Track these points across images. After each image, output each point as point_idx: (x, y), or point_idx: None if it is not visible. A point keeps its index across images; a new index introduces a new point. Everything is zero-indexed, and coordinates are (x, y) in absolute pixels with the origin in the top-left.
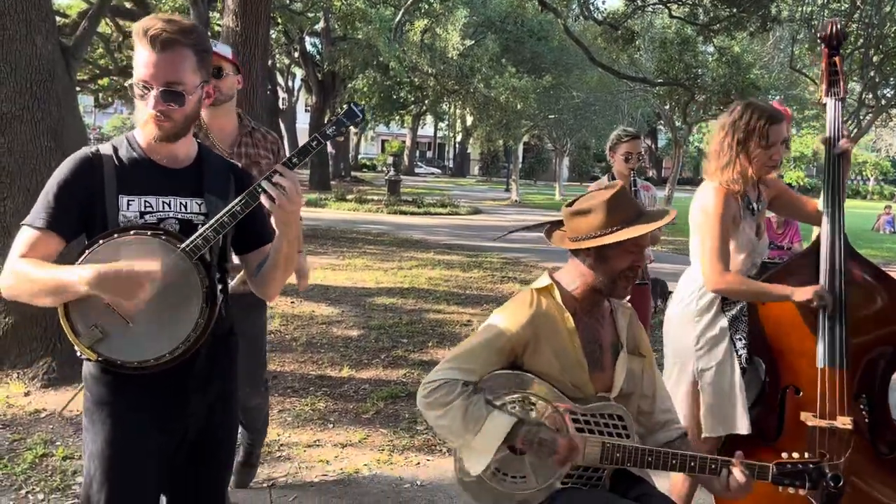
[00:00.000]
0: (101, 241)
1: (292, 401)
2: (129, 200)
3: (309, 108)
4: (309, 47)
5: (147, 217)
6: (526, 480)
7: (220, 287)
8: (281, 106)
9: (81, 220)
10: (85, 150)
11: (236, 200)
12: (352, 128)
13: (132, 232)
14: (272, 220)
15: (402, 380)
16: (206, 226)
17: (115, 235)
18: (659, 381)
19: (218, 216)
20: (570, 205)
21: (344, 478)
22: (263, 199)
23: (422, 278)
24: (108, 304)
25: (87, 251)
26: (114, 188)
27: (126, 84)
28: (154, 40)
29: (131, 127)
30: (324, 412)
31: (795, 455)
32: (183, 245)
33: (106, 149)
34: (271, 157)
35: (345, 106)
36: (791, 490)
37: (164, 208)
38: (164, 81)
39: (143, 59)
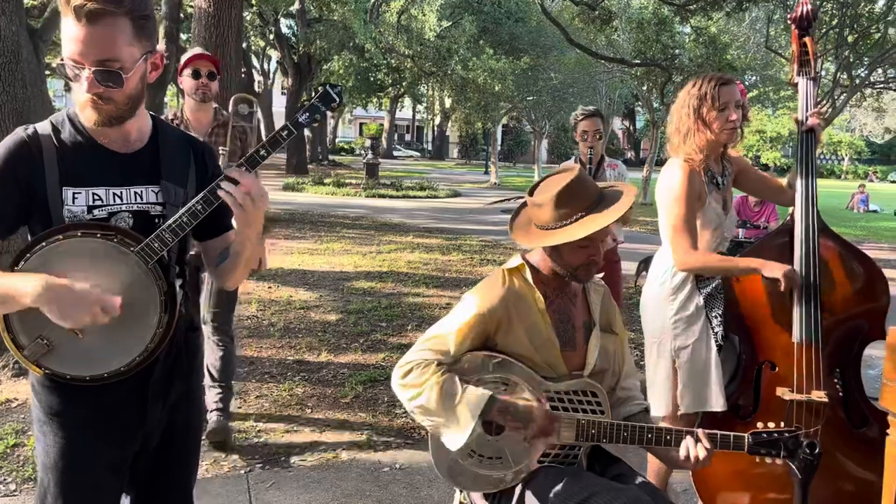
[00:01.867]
0: (43, 244)
1: (270, 386)
2: (74, 193)
3: (285, 90)
4: (284, 29)
5: (96, 212)
6: (502, 461)
7: (179, 283)
8: (257, 89)
9: (20, 216)
10: (19, 133)
11: (196, 199)
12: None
13: (79, 233)
14: (233, 219)
15: (381, 364)
16: (164, 226)
17: (60, 236)
18: (627, 359)
19: (177, 216)
20: (532, 192)
21: (322, 463)
22: (221, 194)
23: (401, 262)
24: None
25: (27, 254)
26: (56, 179)
27: (55, 64)
28: (79, 11)
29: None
30: (302, 397)
31: (771, 425)
32: (138, 248)
33: (44, 128)
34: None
35: (319, 88)
36: (768, 460)
37: (114, 201)
38: (95, 60)
39: (70, 33)
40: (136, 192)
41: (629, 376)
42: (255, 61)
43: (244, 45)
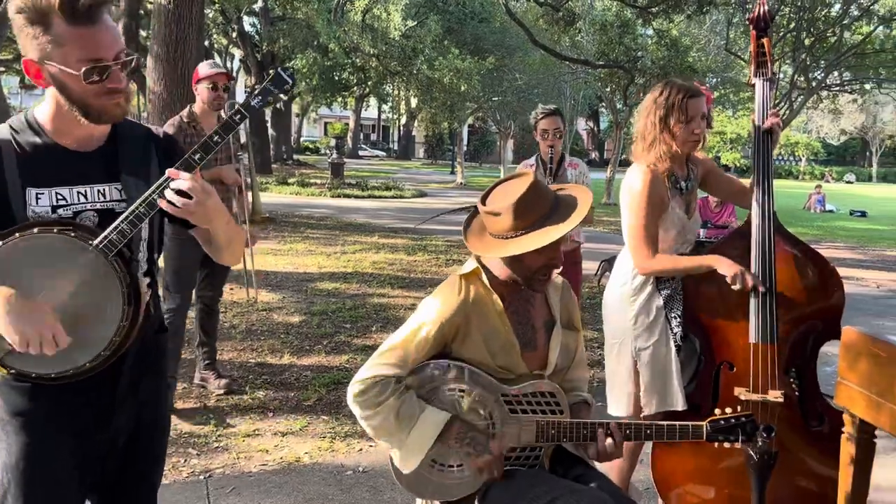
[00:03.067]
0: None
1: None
2: (37, 194)
3: (248, 89)
4: (247, 27)
5: (61, 211)
6: (463, 468)
7: (147, 282)
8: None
9: None
10: None
11: (151, 189)
12: (296, 110)
13: (35, 229)
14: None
15: (345, 366)
16: (121, 218)
17: (17, 235)
18: (580, 353)
19: (133, 207)
20: (484, 200)
21: (284, 467)
22: (166, 207)
23: (366, 262)
24: None
25: None
26: (17, 180)
27: (53, 69)
28: (77, 10)
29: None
30: (264, 400)
31: (728, 411)
32: (97, 241)
33: (2, 132)
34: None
35: (272, 71)
36: (727, 445)
37: (78, 199)
38: (115, 54)
39: (74, 35)
40: (98, 191)
41: (577, 368)
42: (217, 59)
43: (206, 42)
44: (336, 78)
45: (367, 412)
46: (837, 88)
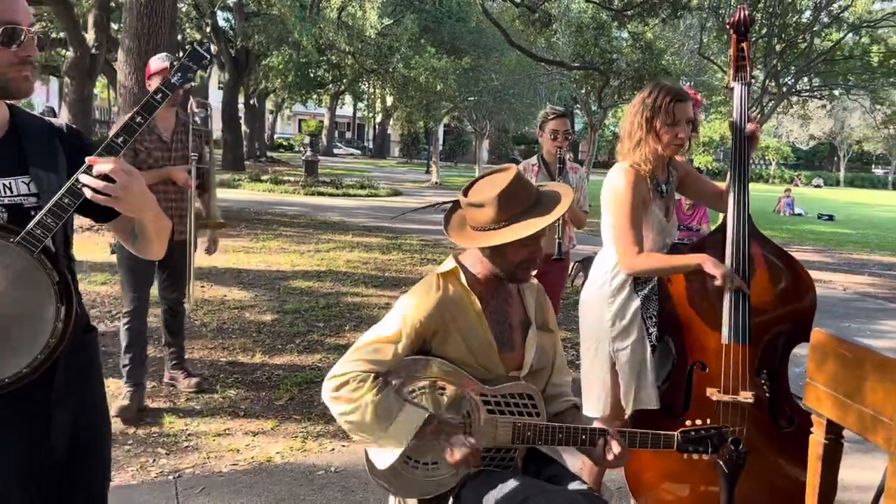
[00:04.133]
0: None
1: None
2: None
3: (222, 85)
4: (221, 22)
5: None
6: (438, 466)
7: (69, 278)
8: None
9: None
10: None
11: (74, 176)
12: (270, 107)
13: None
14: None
15: (318, 365)
16: (43, 210)
17: None
18: (559, 357)
19: (55, 198)
20: (466, 192)
21: (255, 467)
22: (89, 195)
23: (339, 261)
24: None
25: None
26: None
27: None
28: None
29: None
30: (235, 400)
31: (699, 422)
32: (19, 238)
33: None
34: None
35: (188, 47)
36: (695, 456)
37: None
38: (29, 23)
39: None
40: (4, 185)
41: (560, 373)
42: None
43: (179, 37)
44: (311, 75)
45: (344, 408)
46: (807, 94)
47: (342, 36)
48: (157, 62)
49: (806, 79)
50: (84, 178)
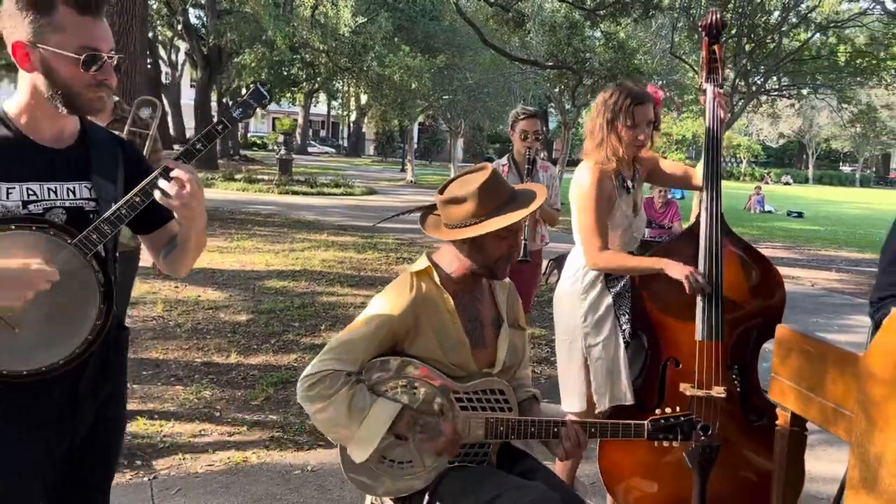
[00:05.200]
0: None
1: (176, 390)
2: (8, 188)
3: (194, 83)
4: (193, 20)
5: (31, 207)
6: (413, 464)
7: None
8: (164, 80)
9: None
10: None
11: (135, 190)
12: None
13: (13, 226)
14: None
15: (293, 364)
16: (102, 217)
17: None
18: (527, 353)
19: (115, 207)
20: (442, 191)
21: (231, 467)
22: (158, 198)
23: (314, 260)
24: None
25: None
26: None
27: (46, 52)
28: (86, 3)
29: None
30: (210, 400)
31: (668, 410)
32: (76, 240)
33: None
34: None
35: (251, 85)
36: (665, 444)
37: (49, 196)
38: (108, 49)
39: (75, 22)
40: (68, 188)
41: (524, 367)
42: (161, 52)
43: (150, 34)
44: (285, 73)
45: (318, 405)
46: (776, 93)
47: (316, 34)
48: None
49: (775, 78)
50: (162, 183)
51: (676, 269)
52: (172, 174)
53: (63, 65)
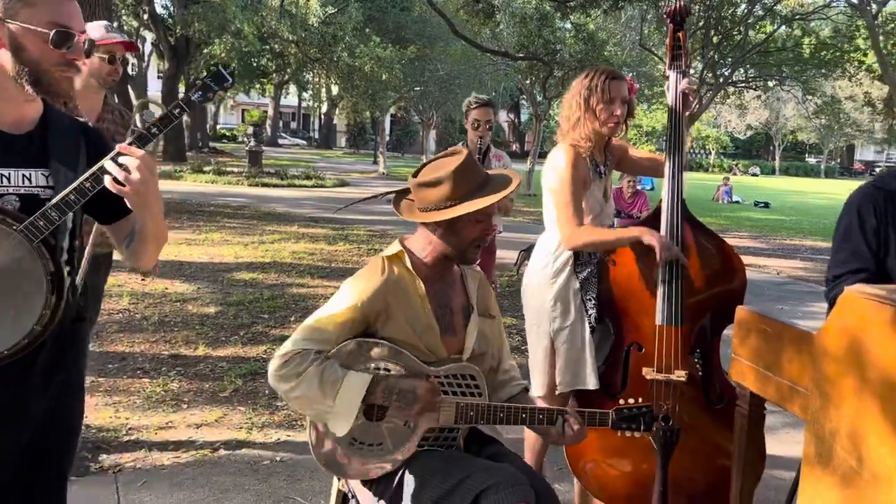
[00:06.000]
0: None
1: (142, 382)
2: None
3: (161, 74)
4: (159, 9)
5: None
6: (383, 447)
7: (67, 270)
8: (130, 72)
9: None
10: None
11: (84, 176)
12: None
13: None
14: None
15: (263, 356)
16: (50, 204)
17: None
18: (505, 342)
19: (63, 193)
20: (416, 175)
21: (198, 459)
22: (108, 184)
23: (284, 252)
24: None
25: None
26: None
27: (15, 28)
28: None
29: None
30: (177, 393)
31: (631, 401)
32: (22, 226)
33: None
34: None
35: (212, 68)
36: (628, 434)
37: (1, 182)
38: (80, 30)
39: (55, 1)
40: (24, 175)
41: (508, 358)
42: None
43: (115, 24)
44: (254, 64)
45: (289, 384)
46: (743, 85)
47: (285, 24)
48: (100, 31)
49: (742, 70)
50: (111, 167)
51: (654, 237)
52: (122, 159)
53: (32, 41)
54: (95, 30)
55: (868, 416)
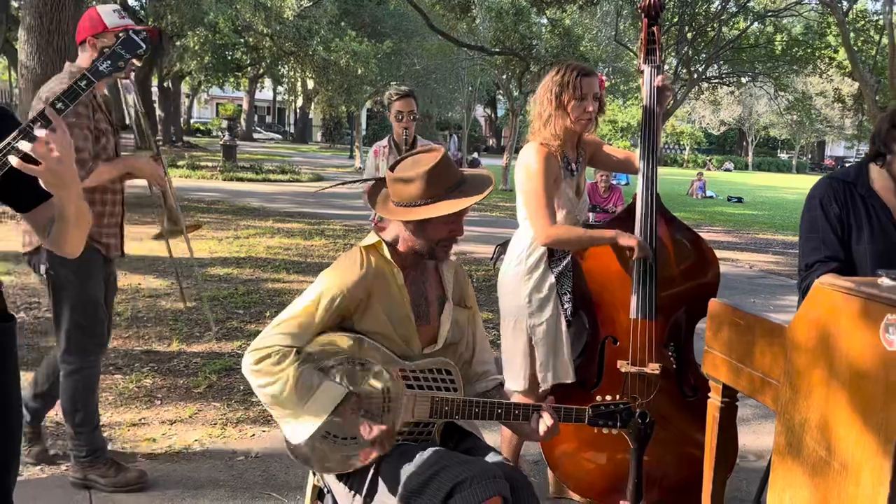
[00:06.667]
0: None
1: (115, 378)
2: None
3: (134, 68)
4: (131, 1)
5: None
6: (357, 441)
7: None
8: None
9: None
10: None
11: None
12: (185, 90)
13: None
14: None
15: (237, 352)
16: None
17: None
18: (481, 334)
19: None
20: (393, 168)
21: (172, 455)
22: (16, 164)
23: (260, 247)
24: None
25: None
26: None
27: None
28: None
29: None
30: (150, 389)
31: (609, 397)
32: None
33: None
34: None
35: (121, 34)
36: (605, 430)
37: None
38: None
39: None
40: None
41: (484, 351)
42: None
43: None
44: (228, 57)
45: (264, 380)
46: (716, 80)
47: (259, 17)
48: (114, 18)
49: (715, 66)
50: (23, 145)
51: (627, 238)
52: (36, 133)
53: None
54: (110, 15)
55: (836, 406)
